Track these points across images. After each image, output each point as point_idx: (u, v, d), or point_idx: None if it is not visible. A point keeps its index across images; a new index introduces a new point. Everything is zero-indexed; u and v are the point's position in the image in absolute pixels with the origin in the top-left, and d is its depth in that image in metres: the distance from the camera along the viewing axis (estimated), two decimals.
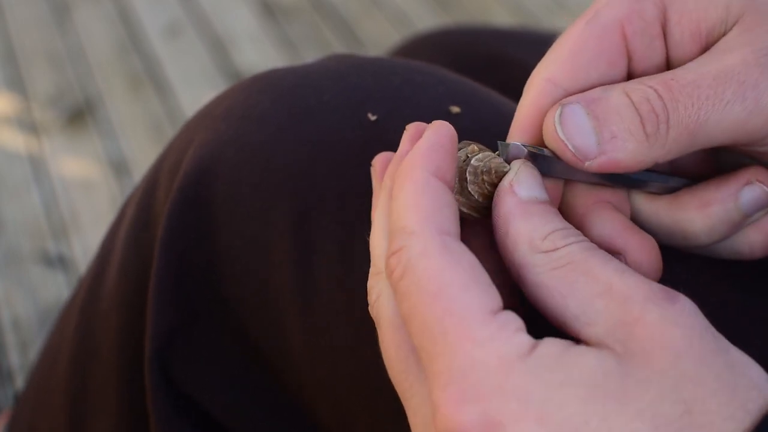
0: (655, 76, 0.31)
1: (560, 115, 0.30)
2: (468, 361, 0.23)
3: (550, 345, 0.24)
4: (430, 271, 0.25)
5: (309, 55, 1.61)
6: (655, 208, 0.34)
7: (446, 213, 0.27)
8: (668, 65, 0.33)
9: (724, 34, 0.31)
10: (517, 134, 0.32)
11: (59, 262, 1.22)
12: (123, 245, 0.45)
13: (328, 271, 0.37)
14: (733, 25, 0.31)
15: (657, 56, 0.33)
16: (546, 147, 0.31)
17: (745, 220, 0.33)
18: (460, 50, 0.61)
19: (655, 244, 0.31)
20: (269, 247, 0.38)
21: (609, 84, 0.32)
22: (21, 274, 1.21)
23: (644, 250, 0.31)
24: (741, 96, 0.29)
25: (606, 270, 0.26)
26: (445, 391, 0.23)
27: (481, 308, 0.24)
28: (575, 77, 0.32)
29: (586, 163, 0.30)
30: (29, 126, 1.45)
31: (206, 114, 0.42)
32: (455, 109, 0.39)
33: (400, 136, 0.36)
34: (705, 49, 0.32)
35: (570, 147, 0.30)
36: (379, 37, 1.65)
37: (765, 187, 0.32)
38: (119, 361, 0.45)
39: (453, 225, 0.27)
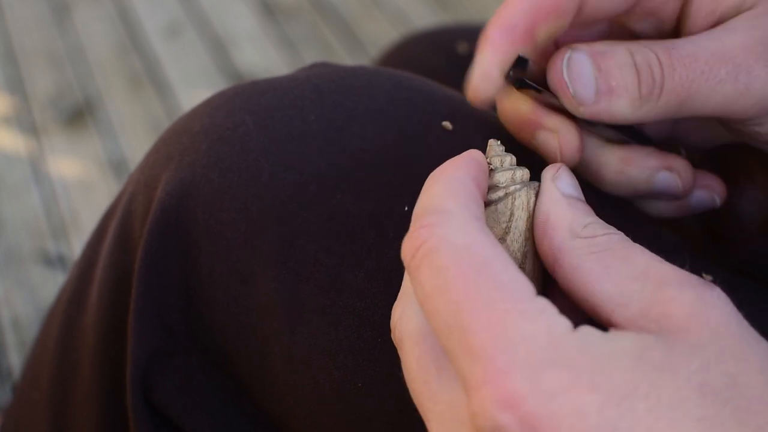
0: (657, 42, 0.32)
1: (568, 59, 0.32)
2: (517, 333, 0.22)
3: (590, 328, 0.24)
4: (472, 246, 0.24)
5: (309, 55, 1.61)
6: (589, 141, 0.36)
7: (482, 211, 0.27)
8: (676, 30, 0.35)
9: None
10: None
11: (59, 262, 1.22)
12: (103, 264, 0.44)
13: (315, 300, 0.36)
14: (747, 10, 0.32)
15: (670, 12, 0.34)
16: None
17: (650, 194, 0.35)
18: (456, 48, 0.61)
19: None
20: (254, 274, 0.37)
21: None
22: (21, 274, 1.21)
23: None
24: (734, 77, 0.31)
25: (644, 257, 0.26)
26: (492, 364, 0.22)
27: (526, 287, 0.24)
28: None
29: (581, 108, 0.31)
30: (29, 126, 1.45)
31: (185, 129, 0.41)
32: (448, 125, 0.38)
33: (386, 160, 0.37)
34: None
35: (571, 90, 0.31)
36: (379, 37, 1.65)
37: (679, 181, 0.35)
38: (99, 382, 0.44)
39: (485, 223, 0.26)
